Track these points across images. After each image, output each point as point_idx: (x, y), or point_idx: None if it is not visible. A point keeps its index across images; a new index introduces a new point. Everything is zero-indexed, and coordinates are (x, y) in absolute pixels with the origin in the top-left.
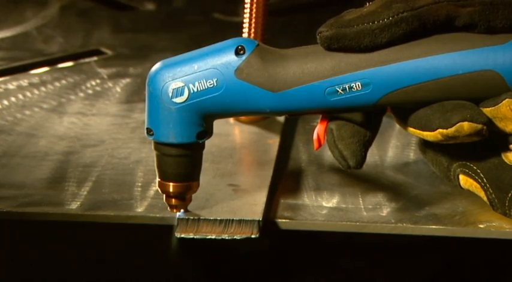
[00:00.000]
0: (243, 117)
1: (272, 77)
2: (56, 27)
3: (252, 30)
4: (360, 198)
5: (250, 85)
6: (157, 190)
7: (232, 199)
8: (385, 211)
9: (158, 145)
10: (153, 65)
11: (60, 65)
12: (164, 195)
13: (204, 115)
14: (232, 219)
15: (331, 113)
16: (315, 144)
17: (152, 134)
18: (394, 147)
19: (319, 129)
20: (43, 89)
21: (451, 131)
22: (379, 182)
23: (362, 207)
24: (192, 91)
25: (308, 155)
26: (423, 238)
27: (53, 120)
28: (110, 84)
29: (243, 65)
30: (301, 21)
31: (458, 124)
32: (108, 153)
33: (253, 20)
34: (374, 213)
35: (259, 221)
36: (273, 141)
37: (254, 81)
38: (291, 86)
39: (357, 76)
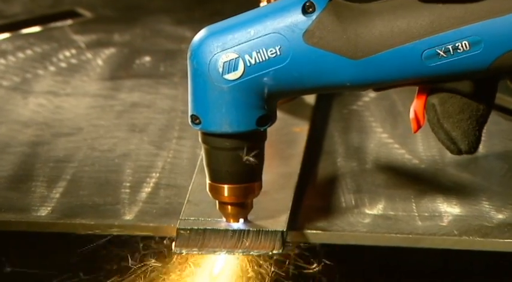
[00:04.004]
0: None
1: (352, 40)
2: None
3: None
4: (413, 204)
5: (324, 52)
6: (150, 192)
7: None
8: (445, 220)
9: (207, 137)
10: (140, 30)
11: (25, 31)
12: (217, 201)
13: (265, 94)
14: (249, 230)
15: (431, 83)
16: (413, 125)
17: (199, 123)
18: None
19: (416, 105)
20: (2, 61)
21: None
22: (438, 183)
23: (416, 214)
24: (248, 64)
25: (346, 147)
26: (496, 255)
27: (16, 102)
28: (89, 56)
29: (313, 26)
30: None
31: None
32: (87, 145)
33: None
34: (431, 222)
35: (282, 232)
36: (301, 130)
37: (329, 47)
38: (377, 50)
39: (463, 33)
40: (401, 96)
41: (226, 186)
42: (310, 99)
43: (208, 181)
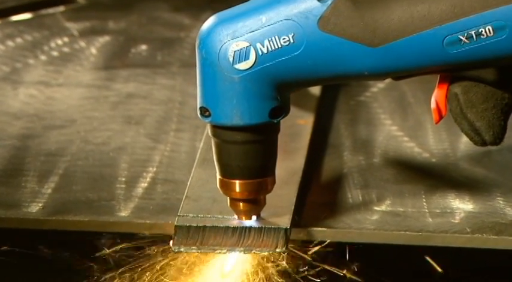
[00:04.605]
0: None
1: (369, 26)
2: None
3: None
4: (424, 200)
5: (340, 39)
6: (147, 188)
7: None
8: (457, 217)
9: (218, 130)
10: (136, 17)
11: (15, 18)
12: (228, 198)
13: (278, 84)
14: (250, 227)
15: (453, 72)
16: (435, 115)
17: (209, 115)
18: None
19: (438, 95)
20: None
21: None
22: (450, 178)
23: (426, 211)
24: (260, 53)
25: (353, 141)
26: (510, 253)
27: (5, 93)
28: (82, 44)
29: (328, 12)
30: None
31: None
32: (81, 138)
33: None
34: (443, 219)
35: (286, 229)
36: (306, 122)
37: (345, 34)
38: (396, 37)
39: (486, 18)
40: (411, 86)
41: (237, 182)
42: (315, 89)
43: (218, 176)
